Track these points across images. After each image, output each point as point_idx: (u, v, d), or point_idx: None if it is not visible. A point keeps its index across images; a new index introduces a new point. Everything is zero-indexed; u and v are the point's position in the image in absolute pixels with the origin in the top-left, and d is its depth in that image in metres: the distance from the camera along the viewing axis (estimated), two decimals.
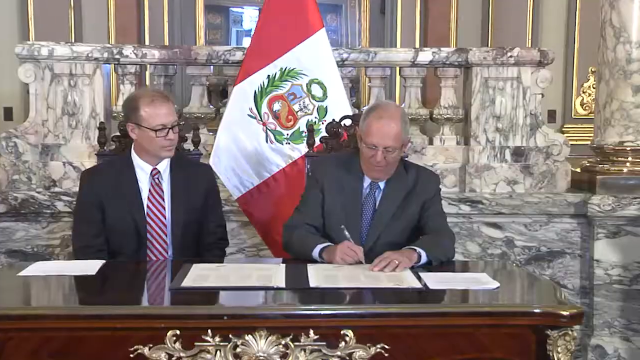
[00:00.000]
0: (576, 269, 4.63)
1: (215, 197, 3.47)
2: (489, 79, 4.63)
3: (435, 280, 2.70)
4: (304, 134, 4.16)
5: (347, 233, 2.99)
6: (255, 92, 4.18)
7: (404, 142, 3.11)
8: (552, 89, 5.57)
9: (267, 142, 4.22)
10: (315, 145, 3.87)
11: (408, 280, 2.69)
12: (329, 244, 2.99)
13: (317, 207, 3.19)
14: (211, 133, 4.71)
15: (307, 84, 4.21)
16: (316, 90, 4.22)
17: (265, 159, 4.21)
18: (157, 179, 3.29)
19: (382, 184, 3.18)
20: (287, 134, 4.23)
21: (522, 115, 4.64)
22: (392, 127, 3.03)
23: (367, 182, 3.18)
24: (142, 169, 3.28)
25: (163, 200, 3.27)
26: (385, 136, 3.02)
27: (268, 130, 4.22)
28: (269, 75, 4.18)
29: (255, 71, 4.17)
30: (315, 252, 2.97)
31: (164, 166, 3.30)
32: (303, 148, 4.12)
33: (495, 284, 2.67)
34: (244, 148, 4.20)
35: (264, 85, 4.18)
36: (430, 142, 4.82)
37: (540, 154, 4.68)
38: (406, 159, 3.53)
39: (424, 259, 2.92)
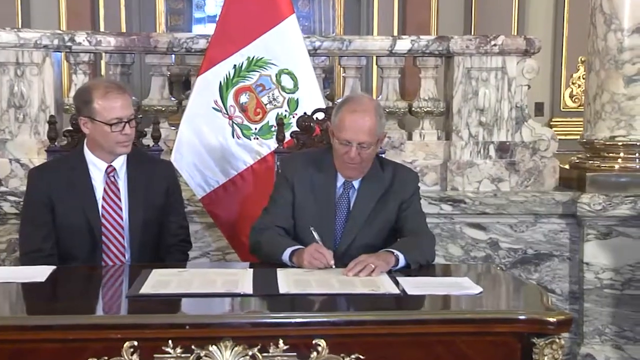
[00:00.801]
0: (565, 272, 4.68)
1: (177, 196, 3.46)
2: (472, 69, 4.66)
3: (413, 285, 2.71)
4: (273, 129, 4.16)
5: (316, 235, 2.99)
6: (220, 83, 4.17)
7: (380, 138, 3.13)
8: (539, 80, 5.64)
9: (233, 137, 4.21)
10: (286, 140, 3.88)
11: (385, 285, 2.70)
12: (300, 246, 2.99)
13: (287, 208, 3.19)
14: (173, 127, 4.69)
15: (276, 75, 4.21)
16: (286, 82, 4.22)
17: (231, 156, 4.20)
18: (113, 176, 3.27)
19: (356, 183, 3.19)
20: (255, 129, 4.23)
21: (507, 108, 4.68)
22: (366, 121, 3.03)
23: (340, 181, 3.19)
24: (96, 166, 3.26)
25: (119, 199, 3.25)
26: (359, 131, 3.03)
27: (234, 125, 4.21)
28: (235, 65, 4.17)
29: (220, 60, 4.15)
30: (285, 256, 2.97)
31: (120, 163, 3.28)
32: (272, 144, 4.12)
33: (478, 289, 2.69)
34: (208, 143, 4.19)
35: (229, 75, 4.17)
36: (409, 137, 4.84)
37: (527, 149, 4.72)
38: (383, 155, 3.55)
39: (402, 262, 2.93)
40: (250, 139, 4.22)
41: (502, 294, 2.94)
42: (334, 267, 2.87)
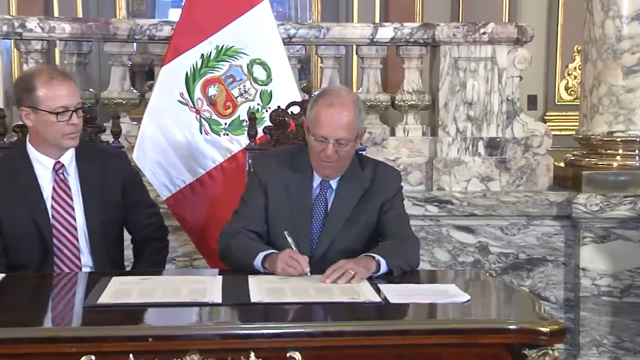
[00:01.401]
0: (559, 278, 4.71)
1: (138, 185, 3.45)
2: (459, 59, 4.68)
3: (396, 292, 2.72)
4: (244, 124, 4.16)
5: (290, 239, 2.99)
6: (186, 74, 4.16)
7: (359, 134, 3.13)
8: (531, 71, 5.66)
9: (201, 132, 4.20)
10: (258, 136, 3.87)
11: (365, 293, 2.70)
12: (273, 251, 2.98)
13: (259, 211, 3.19)
14: (135, 122, 4.67)
15: (247, 65, 4.20)
16: (259, 72, 4.22)
17: (199, 153, 4.19)
18: (62, 174, 3.24)
19: (334, 183, 3.19)
20: (225, 124, 4.22)
21: (498, 101, 4.71)
22: (343, 116, 3.04)
23: (317, 180, 3.19)
24: (42, 164, 3.23)
25: (71, 199, 3.22)
26: (336, 127, 3.03)
27: (202, 119, 4.20)
28: (202, 55, 4.16)
29: (187, 49, 4.14)
30: (257, 261, 2.96)
31: (69, 158, 3.26)
32: (244, 140, 4.11)
33: (465, 297, 2.69)
34: (173, 140, 4.17)
35: (196, 66, 4.16)
36: (392, 133, 4.85)
37: (519, 146, 4.75)
38: (363, 153, 3.55)
39: (383, 268, 2.93)
40: (220, 135, 4.21)
41: (491, 302, 2.95)
42: (309, 274, 2.87)
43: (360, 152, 3.40)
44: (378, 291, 2.72)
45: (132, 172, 3.47)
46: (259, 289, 2.71)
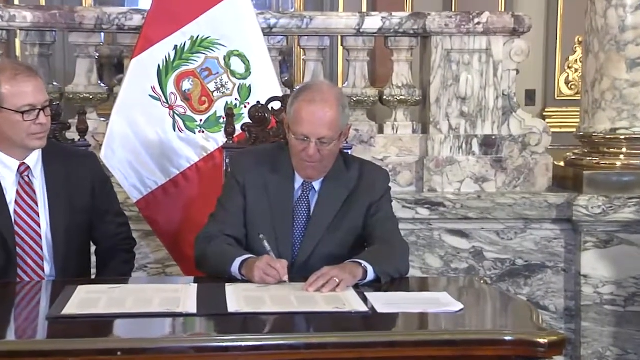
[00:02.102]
0: (559, 286, 4.73)
1: (108, 190, 3.44)
2: (452, 51, 4.70)
3: (384, 301, 2.72)
4: (221, 120, 4.16)
5: (266, 244, 3.00)
6: (158, 66, 4.15)
7: (343, 131, 3.14)
8: (529, 63, 5.68)
9: (174, 130, 4.19)
10: (236, 134, 3.86)
11: (351, 302, 2.71)
12: (251, 256, 2.99)
13: (237, 214, 3.19)
14: (103, 119, 4.66)
15: (225, 57, 4.20)
16: (237, 65, 4.22)
17: (172, 152, 4.19)
18: (27, 176, 3.23)
19: (317, 184, 3.20)
20: (200, 120, 4.22)
21: (493, 96, 4.72)
22: (326, 113, 3.04)
23: (298, 182, 3.19)
24: (6, 165, 3.22)
25: (36, 203, 3.22)
26: (319, 124, 3.03)
27: (176, 115, 4.19)
28: (176, 46, 4.15)
29: (159, 40, 4.13)
30: (234, 268, 2.97)
31: (35, 160, 3.25)
32: (220, 138, 4.11)
33: (458, 306, 2.70)
34: (145, 138, 4.17)
35: (169, 58, 4.15)
36: (380, 131, 4.86)
37: (516, 144, 4.77)
38: (348, 152, 3.56)
39: (370, 275, 2.94)
40: (195, 132, 4.21)
41: (486, 311, 2.97)
42: (287, 282, 2.87)
43: (345, 151, 3.41)
44: (365, 300, 2.73)
45: (103, 176, 3.46)
46: (237, 298, 2.71)
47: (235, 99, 4.22)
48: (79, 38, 4.68)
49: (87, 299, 2.70)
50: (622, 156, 4.68)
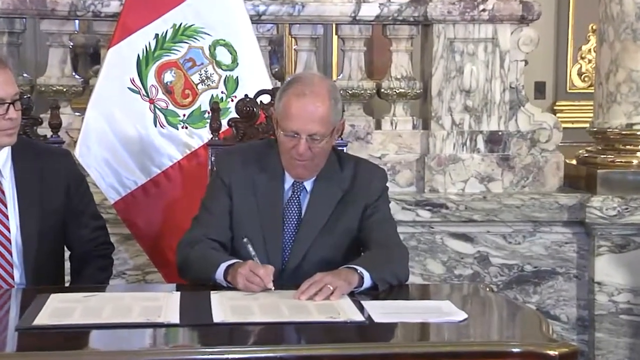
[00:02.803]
0: (571, 294, 4.74)
1: (84, 191, 3.43)
2: (455, 40, 4.70)
3: (382, 310, 2.73)
4: (206, 115, 4.16)
5: (251, 248, 3.00)
6: (138, 57, 4.15)
7: (336, 127, 3.14)
8: (539, 54, 5.69)
9: (155, 125, 4.20)
10: (222, 130, 3.87)
11: (346, 311, 2.71)
12: (236, 261, 2.99)
13: (223, 217, 3.19)
14: (78, 113, 4.66)
15: (210, 47, 4.20)
16: (222, 56, 4.22)
17: (153, 149, 4.19)
18: None
19: (308, 185, 3.20)
20: (184, 115, 4.22)
21: (500, 89, 4.73)
22: (317, 107, 3.04)
23: (289, 182, 3.19)
24: None
25: (4, 205, 3.22)
26: (309, 120, 3.03)
27: (157, 110, 4.20)
28: (157, 35, 4.15)
29: (138, 28, 4.14)
30: (219, 274, 2.97)
31: (3, 158, 3.25)
32: (205, 134, 4.12)
33: (462, 315, 2.71)
34: (123, 134, 4.17)
35: (150, 47, 4.16)
36: (378, 126, 4.87)
37: (524, 141, 4.77)
38: (343, 149, 3.56)
39: (367, 282, 2.94)
40: (177, 128, 4.21)
41: (492, 321, 2.97)
42: (272, 289, 2.87)
43: (339, 149, 3.41)
44: (361, 309, 2.73)
45: (78, 176, 3.46)
46: (223, 307, 2.71)
47: (221, 92, 4.22)
48: (52, 26, 4.67)
49: (61, 308, 2.69)
50: (638, 154, 4.69)
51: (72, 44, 4.90)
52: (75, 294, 2.89)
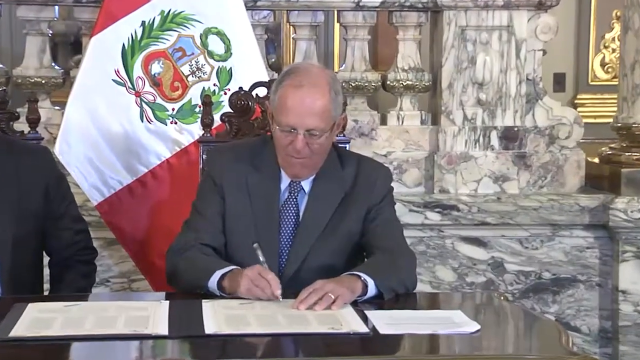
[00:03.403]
0: (593, 303, 4.75)
1: (64, 192, 3.43)
2: (467, 28, 4.71)
3: (388, 321, 2.73)
4: (197, 109, 4.16)
5: (260, 255, 2.99)
6: (123, 46, 4.16)
7: (337, 122, 3.14)
8: (559, 43, 5.68)
9: (142, 120, 4.20)
10: (214, 125, 3.88)
11: (349, 321, 2.71)
12: (233, 267, 2.99)
13: (215, 220, 3.19)
14: (57, 107, 4.66)
15: (201, 36, 4.21)
16: (215, 45, 4.22)
17: (140, 146, 4.20)
18: None
19: (307, 184, 3.20)
20: (173, 109, 4.22)
21: (516, 81, 4.74)
22: (316, 100, 3.04)
23: (285, 181, 3.19)
24: None
25: None
26: (307, 113, 3.03)
27: (144, 104, 4.20)
28: (144, 22, 4.16)
29: (124, 15, 4.14)
30: (213, 282, 2.96)
31: None
32: (196, 130, 4.12)
33: (474, 327, 2.71)
34: (107, 130, 4.17)
35: (136, 36, 4.16)
36: (383, 121, 4.87)
37: (542, 137, 4.78)
38: (346, 146, 3.57)
39: (371, 290, 2.95)
40: (166, 124, 4.22)
41: (507, 332, 2.97)
42: (280, 299, 2.88)
43: (340, 146, 3.41)
44: (365, 319, 2.74)
45: (58, 175, 3.46)
46: (216, 318, 2.72)
47: (214, 85, 4.22)
48: (29, 12, 4.67)
49: (40, 319, 2.70)
50: None
51: (51, 32, 4.90)
52: (55, 303, 2.89)
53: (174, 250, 3.17)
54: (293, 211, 3.19)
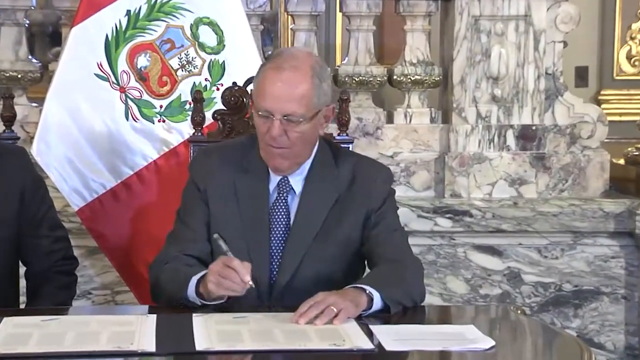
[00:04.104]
0: (619, 318, 4.75)
1: (41, 196, 3.43)
2: (481, 18, 4.72)
3: (395, 336, 2.73)
4: (187, 106, 4.17)
5: (222, 244, 2.98)
6: (107, 37, 4.16)
7: (321, 112, 3.12)
8: (581, 34, 5.68)
9: (127, 118, 4.21)
10: (206, 124, 3.88)
11: (352, 337, 2.72)
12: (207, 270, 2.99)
13: (200, 229, 3.18)
14: (35, 104, 4.67)
15: (191, 26, 4.21)
16: (206, 36, 4.23)
17: (124, 147, 4.20)
18: None
19: (297, 185, 3.19)
20: (161, 106, 4.23)
21: (534, 75, 4.75)
22: (296, 84, 3.04)
23: (274, 181, 3.19)
24: None
25: None
26: (285, 97, 3.03)
27: (129, 100, 4.21)
28: (129, 11, 4.16)
29: (107, 4, 4.15)
30: (191, 290, 2.95)
31: None
32: (186, 128, 4.14)
33: (488, 343, 2.72)
34: (89, 128, 4.18)
35: (121, 26, 4.17)
36: (390, 120, 4.88)
37: (562, 137, 4.79)
38: (346, 146, 3.57)
39: (377, 303, 2.95)
40: (153, 122, 4.22)
41: (524, 349, 2.98)
42: (252, 285, 2.87)
43: (337, 144, 3.42)
44: (370, 335, 2.74)
45: (35, 178, 3.46)
46: (207, 333, 2.72)
47: (205, 80, 4.23)
48: (4, 1, 4.68)
49: (16, 335, 2.70)
50: None
51: (28, 21, 4.90)
52: (32, 318, 2.89)
53: (157, 262, 3.18)
54: (283, 213, 3.18)
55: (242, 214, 3.17)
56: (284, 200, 3.18)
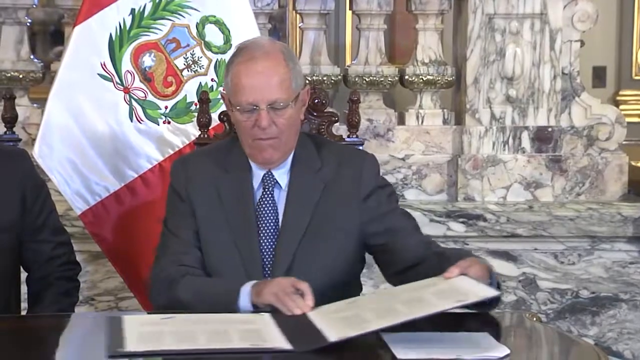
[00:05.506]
0: (638, 325, 4.75)
1: (43, 200, 3.44)
2: (495, 16, 4.72)
3: (406, 344, 2.72)
4: (192, 107, 4.18)
5: None
6: (110, 36, 4.17)
7: (300, 95, 3.14)
8: (598, 33, 5.69)
9: (131, 120, 4.21)
10: (212, 125, 3.89)
11: (475, 291, 2.89)
12: (255, 281, 2.96)
13: (190, 239, 3.18)
14: (37, 105, 4.68)
15: (197, 25, 4.22)
16: (213, 35, 4.24)
17: (128, 149, 4.21)
18: None
19: (282, 178, 3.19)
20: (166, 107, 4.24)
21: (550, 76, 4.75)
22: (272, 71, 3.06)
23: (257, 177, 3.19)
24: None
25: None
26: (265, 86, 3.04)
27: (133, 101, 4.21)
28: (133, 9, 4.17)
29: (111, 2, 4.15)
30: (244, 300, 2.92)
31: None
32: (192, 130, 4.14)
33: (503, 351, 2.72)
34: (92, 130, 4.19)
35: (125, 25, 4.17)
36: (401, 121, 4.89)
37: (579, 138, 4.79)
38: (360, 147, 3.58)
39: (494, 280, 3.09)
40: (158, 123, 4.23)
41: (540, 358, 2.98)
42: (311, 302, 2.86)
43: (317, 134, 3.45)
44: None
45: (36, 181, 3.46)
46: (330, 323, 2.71)
47: (211, 80, 4.24)
48: None
49: (146, 333, 2.71)
50: None
51: (29, 20, 4.92)
52: (149, 316, 2.99)
53: (160, 281, 3.13)
54: (271, 210, 3.18)
55: (228, 216, 3.17)
56: (270, 196, 3.18)
